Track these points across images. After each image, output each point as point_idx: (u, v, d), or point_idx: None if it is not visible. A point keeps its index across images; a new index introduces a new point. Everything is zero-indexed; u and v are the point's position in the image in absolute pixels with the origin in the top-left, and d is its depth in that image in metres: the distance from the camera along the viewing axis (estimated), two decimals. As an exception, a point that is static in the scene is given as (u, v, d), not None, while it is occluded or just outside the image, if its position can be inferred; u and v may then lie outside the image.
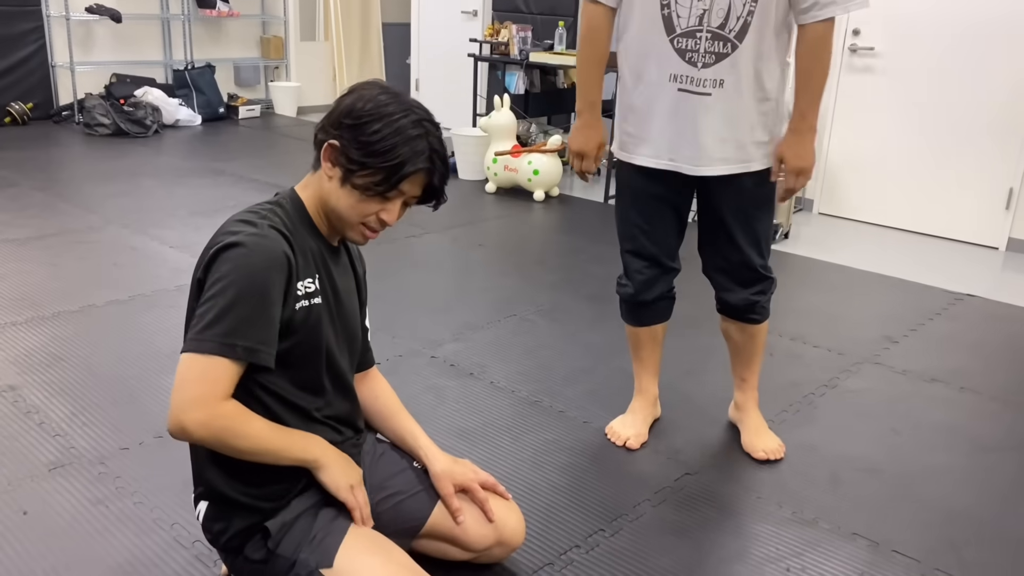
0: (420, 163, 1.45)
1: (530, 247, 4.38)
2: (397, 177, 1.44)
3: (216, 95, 7.44)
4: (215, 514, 1.53)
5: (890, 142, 4.97)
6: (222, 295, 1.39)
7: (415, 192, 1.50)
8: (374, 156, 1.43)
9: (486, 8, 7.16)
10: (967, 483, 2.33)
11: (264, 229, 1.44)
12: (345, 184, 1.47)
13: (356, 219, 1.49)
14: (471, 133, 5.70)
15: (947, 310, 3.65)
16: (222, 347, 1.37)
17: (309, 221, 1.55)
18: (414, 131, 1.44)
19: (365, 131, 1.42)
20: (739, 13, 2.00)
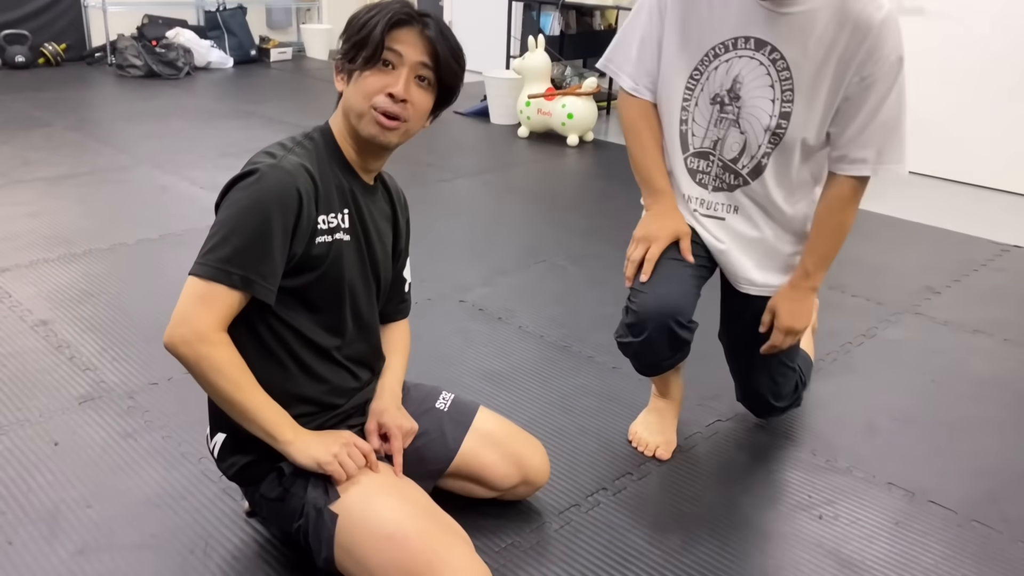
0: (400, 14, 1.42)
1: (562, 193, 4.31)
2: (379, 32, 1.40)
3: (248, 37, 7.37)
4: (232, 447, 1.52)
5: (935, 90, 4.78)
6: (226, 223, 1.38)
7: (416, 55, 1.43)
8: (356, 34, 1.43)
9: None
10: (1008, 435, 2.26)
11: (283, 161, 1.41)
12: (351, 79, 1.45)
13: (365, 104, 1.43)
14: (504, 75, 5.59)
15: (992, 261, 3.54)
16: (218, 272, 1.36)
17: (340, 155, 1.50)
18: (394, 4, 1.44)
19: (351, 25, 1.45)
20: (753, 152, 1.80)
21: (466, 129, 5.49)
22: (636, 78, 1.87)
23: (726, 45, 1.75)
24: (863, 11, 1.64)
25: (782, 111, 1.74)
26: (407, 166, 4.46)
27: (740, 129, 1.80)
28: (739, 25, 1.71)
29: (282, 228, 1.38)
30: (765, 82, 1.73)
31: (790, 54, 1.69)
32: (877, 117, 1.72)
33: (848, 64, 1.68)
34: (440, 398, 1.75)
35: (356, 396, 1.61)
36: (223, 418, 1.49)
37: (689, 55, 1.79)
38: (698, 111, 1.82)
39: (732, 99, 1.77)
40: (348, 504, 1.42)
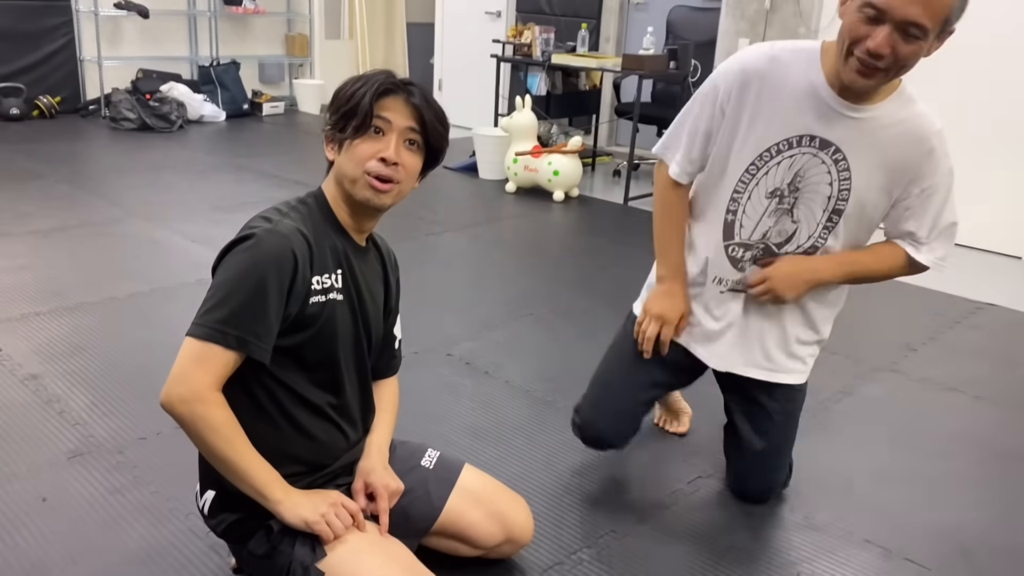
0: (387, 83, 1.50)
1: (549, 247, 4.39)
2: (367, 102, 1.47)
3: (241, 92, 7.50)
4: (221, 504, 1.55)
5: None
6: (223, 285, 1.44)
7: (403, 120, 1.51)
8: (344, 105, 1.49)
9: (510, 9, 7.17)
10: (981, 492, 2.31)
11: (279, 225, 1.47)
12: (342, 148, 1.52)
13: (359, 171, 1.50)
14: (492, 133, 5.71)
15: (968, 319, 3.62)
16: (214, 333, 1.41)
17: (333, 218, 1.57)
18: (378, 75, 1.52)
19: (339, 97, 1.52)
20: (801, 242, 1.88)
21: (455, 184, 5.59)
22: (683, 166, 1.93)
23: (790, 142, 1.78)
24: (923, 124, 1.75)
25: (835, 208, 1.83)
26: (397, 220, 4.53)
27: (793, 218, 1.86)
28: (806, 124, 1.76)
29: (278, 290, 1.43)
30: (825, 180, 1.79)
31: (851, 155, 1.76)
32: (941, 220, 1.84)
33: (904, 171, 1.77)
34: (426, 456, 1.78)
35: (345, 456, 1.64)
36: (213, 475, 1.52)
37: (750, 149, 1.82)
38: (751, 204, 1.86)
39: (791, 191, 1.83)
40: (335, 562, 1.44)
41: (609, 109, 6.62)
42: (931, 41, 1.59)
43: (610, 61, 5.62)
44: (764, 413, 2.07)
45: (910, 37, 1.56)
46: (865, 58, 1.59)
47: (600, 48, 6.66)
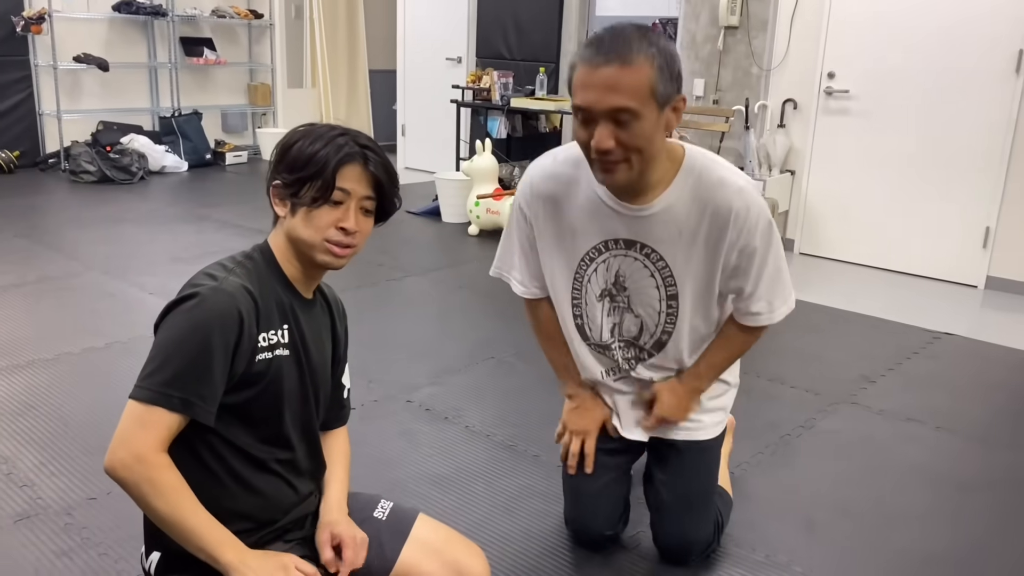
0: (346, 150, 1.47)
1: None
2: (330, 172, 1.45)
3: (203, 142, 7.49)
4: (166, 567, 1.51)
5: (867, 182, 5.02)
6: (166, 346, 1.40)
7: (362, 189, 1.49)
8: (303, 167, 1.46)
9: (470, 55, 7.26)
10: (941, 524, 2.32)
11: (224, 283, 1.45)
12: (296, 211, 1.49)
13: (318, 238, 1.48)
14: (454, 177, 5.74)
15: (925, 349, 3.66)
16: (158, 395, 1.38)
17: (279, 272, 1.55)
18: (333, 133, 1.49)
19: (291, 154, 1.48)
20: (652, 331, 1.89)
21: (418, 228, 5.59)
22: (524, 282, 1.99)
23: (598, 248, 1.81)
24: (719, 199, 1.69)
25: (668, 294, 1.82)
26: (358, 266, 4.52)
27: (634, 314, 1.87)
28: (604, 230, 1.78)
29: (223, 350, 1.41)
30: (645, 273, 1.80)
31: (660, 246, 1.76)
32: (763, 277, 1.79)
33: (719, 244, 1.74)
34: (379, 507, 1.75)
35: (295, 511, 1.61)
36: (158, 536, 1.48)
37: (565, 261, 1.87)
38: (589, 308, 1.90)
39: (619, 290, 1.85)
40: None
41: (571, 150, 6.68)
42: (657, 116, 1.56)
43: (568, 103, 5.69)
44: (675, 465, 2.01)
45: (624, 123, 1.53)
46: (599, 158, 1.58)
47: (559, 91, 6.76)
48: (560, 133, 6.53)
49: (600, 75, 1.51)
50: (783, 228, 5.37)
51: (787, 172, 5.30)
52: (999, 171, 4.54)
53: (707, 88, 5.60)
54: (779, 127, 5.30)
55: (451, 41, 7.36)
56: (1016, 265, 4.57)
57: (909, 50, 4.74)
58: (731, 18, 5.36)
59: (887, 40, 4.81)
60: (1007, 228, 4.57)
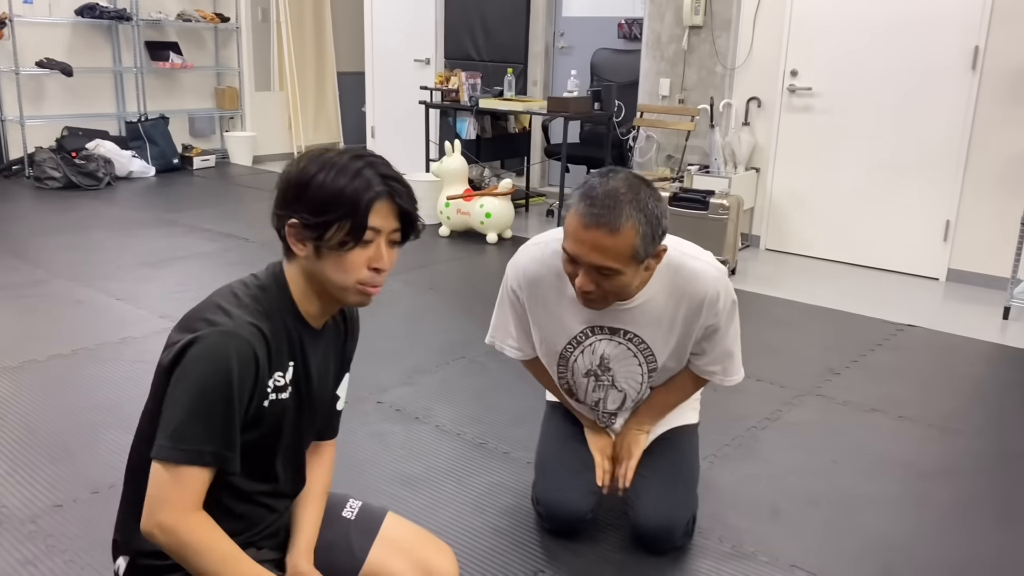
0: (375, 188, 1.37)
1: (482, 289, 4.41)
2: (361, 214, 1.35)
3: (170, 146, 7.43)
4: (134, 572, 1.51)
5: (831, 178, 5.10)
6: (187, 398, 1.33)
7: (390, 224, 1.40)
8: (330, 208, 1.35)
9: (438, 56, 7.27)
10: (904, 510, 2.36)
11: (239, 322, 1.37)
12: (321, 254, 1.38)
13: (350, 281, 1.39)
14: (424, 178, 5.75)
15: (888, 341, 3.73)
16: (190, 455, 1.32)
17: (292, 306, 1.46)
18: (355, 164, 1.38)
19: (310, 191, 1.36)
20: (634, 398, 2.10)
21: (388, 230, 5.58)
22: (521, 348, 2.14)
23: (585, 333, 1.97)
24: (693, 290, 1.89)
25: (650, 368, 2.02)
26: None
27: (618, 389, 2.07)
28: (589, 319, 1.94)
29: (239, 398, 1.36)
30: (629, 355, 1.99)
31: (642, 331, 1.93)
32: (722, 348, 2.01)
33: (693, 323, 1.93)
34: (347, 506, 1.76)
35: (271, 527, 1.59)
36: (125, 540, 1.48)
37: (552, 341, 2.02)
38: (575, 381, 2.08)
39: (604, 371, 2.02)
40: None
41: (539, 151, 6.72)
42: (636, 270, 1.74)
43: (536, 104, 5.72)
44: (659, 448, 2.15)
45: (606, 276, 1.72)
46: (580, 292, 1.77)
47: (528, 92, 6.78)
48: (529, 134, 6.56)
49: (589, 235, 1.68)
50: (749, 225, 5.44)
51: (752, 169, 5.36)
52: (957, 166, 4.63)
53: (672, 87, 5.65)
54: (744, 125, 5.36)
55: (419, 42, 7.36)
56: (975, 257, 4.66)
57: (869, 48, 4.82)
58: (695, 18, 5.42)
59: (848, 38, 4.89)
60: (966, 221, 4.66)
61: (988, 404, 3.12)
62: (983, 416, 3.00)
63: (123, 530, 1.50)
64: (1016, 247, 4.10)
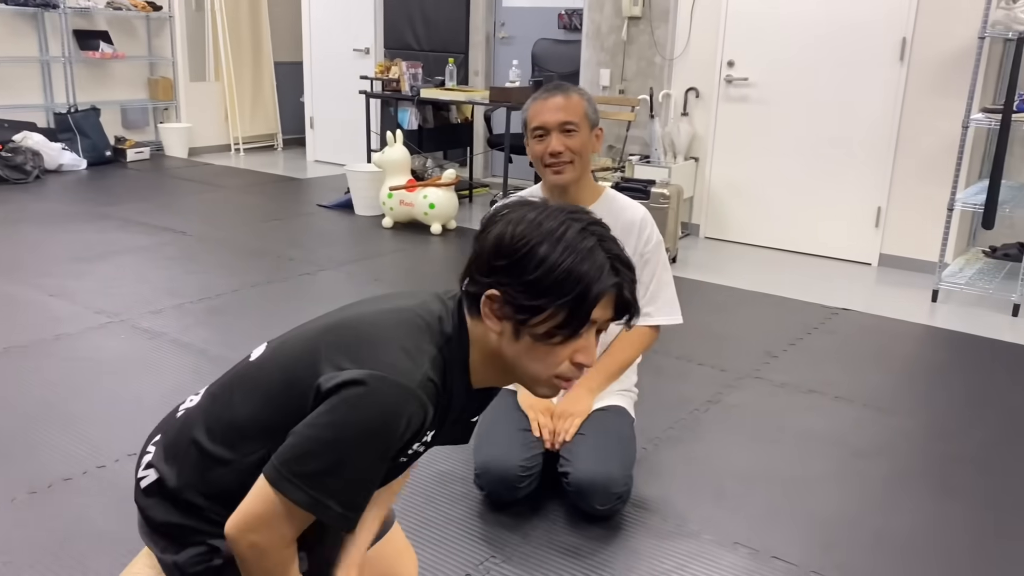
0: (608, 280, 1.19)
1: (427, 280, 4.40)
2: (585, 307, 1.18)
3: (102, 138, 7.23)
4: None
5: (767, 167, 5.22)
6: (337, 443, 1.16)
7: (607, 315, 1.23)
8: (548, 294, 1.17)
9: (378, 46, 7.21)
10: (841, 488, 2.45)
11: (420, 378, 1.19)
12: (521, 337, 1.21)
13: (547, 374, 1.23)
14: (366, 169, 5.71)
15: (824, 324, 3.84)
16: (315, 504, 1.18)
17: (466, 368, 1.29)
18: (585, 242, 1.19)
19: (527, 268, 1.17)
20: None
21: (330, 221, 5.54)
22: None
23: None
24: (626, 216, 2.25)
25: None
26: (267, 261, 4.46)
27: None
28: None
29: (390, 459, 1.22)
30: None
31: None
32: (654, 282, 2.28)
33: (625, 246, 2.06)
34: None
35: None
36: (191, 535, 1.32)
37: None
38: None
39: None
40: None
41: (482, 141, 6.73)
42: (589, 133, 2.19)
43: (478, 94, 5.72)
44: (594, 417, 2.27)
45: (570, 133, 2.15)
46: (552, 161, 2.16)
47: (470, 82, 6.78)
48: (471, 124, 6.55)
49: (551, 102, 2.16)
50: (688, 214, 5.53)
51: (691, 159, 5.45)
52: (888, 154, 4.78)
53: (613, 78, 5.71)
54: (683, 115, 5.45)
55: (358, 32, 7.29)
56: (905, 242, 4.82)
57: (802, 39, 4.94)
58: (634, 8, 5.48)
59: (782, 29, 5.00)
60: (896, 208, 4.82)
61: (919, 383, 3.24)
62: (914, 395, 3.12)
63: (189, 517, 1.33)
64: (943, 232, 4.26)
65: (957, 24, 4.46)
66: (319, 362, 1.22)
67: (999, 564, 2.11)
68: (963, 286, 4.27)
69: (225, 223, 5.28)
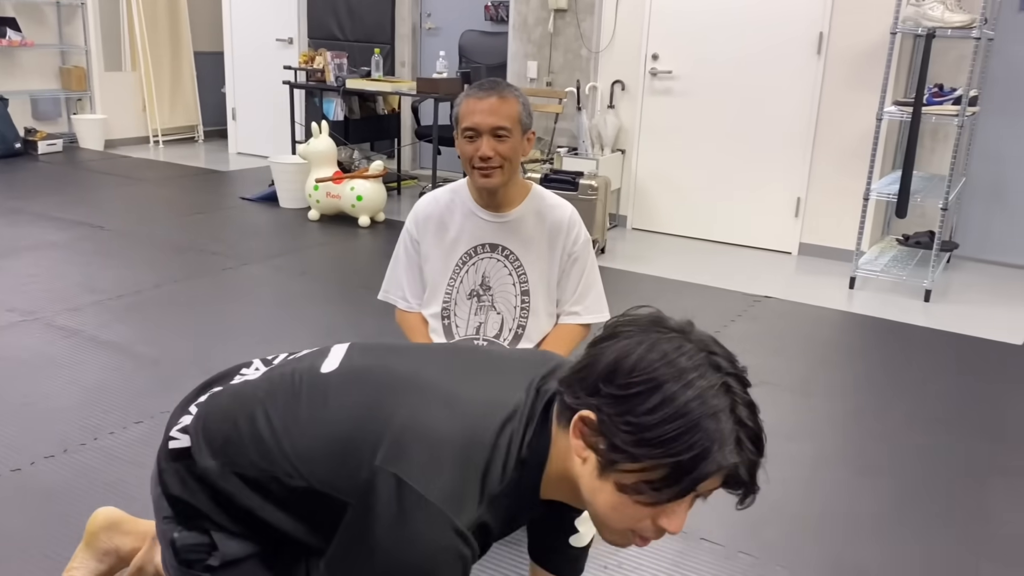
0: (727, 457, 1.00)
1: (355, 273, 4.36)
2: (690, 478, 1.00)
3: (10, 130, 6.93)
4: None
5: (692, 159, 5.31)
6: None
7: (712, 486, 1.05)
8: (652, 445, 0.99)
9: (301, 35, 7.09)
10: (771, 471, 2.50)
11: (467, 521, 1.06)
12: (606, 476, 1.04)
13: (623, 526, 1.07)
14: (290, 160, 5.61)
15: (747, 311, 3.94)
16: None
17: (536, 491, 1.15)
18: (716, 401, 1.00)
19: (636, 407, 0.99)
20: (511, 326, 2.26)
21: (254, 215, 5.43)
22: (408, 299, 2.31)
23: (470, 253, 2.23)
24: (554, 215, 2.23)
25: (523, 290, 2.25)
26: (188, 256, 4.35)
27: (496, 311, 2.26)
28: (475, 236, 2.22)
29: None
30: (505, 272, 2.24)
31: (515, 248, 2.22)
32: (583, 281, 2.27)
33: (555, 249, 2.23)
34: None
35: None
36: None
37: (445, 266, 2.25)
38: (458, 308, 2.26)
39: (485, 290, 2.25)
40: None
41: (410, 132, 6.68)
42: (520, 138, 2.12)
43: (405, 85, 5.68)
44: None
45: (501, 138, 2.08)
46: (481, 165, 2.09)
47: (396, 72, 6.72)
48: (399, 115, 6.50)
49: (484, 103, 2.07)
50: (616, 205, 5.60)
51: (618, 151, 5.52)
52: (806, 145, 4.92)
53: (540, 70, 5.73)
54: (609, 108, 5.51)
55: (280, 21, 7.15)
56: (823, 232, 4.97)
57: (724, 33, 5.04)
58: (560, 1, 5.51)
59: (704, 23, 5.09)
60: (815, 198, 4.97)
61: (838, 367, 3.35)
62: (835, 378, 3.22)
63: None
64: (859, 222, 4.41)
65: (871, 19, 4.61)
66: (380, 441, 1.10)
67: (908, 535, 2.21)
68: (878, 273, 4.43)
69: (144, 217, 5.12)
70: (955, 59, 4.70)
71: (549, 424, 1.12)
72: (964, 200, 5.01)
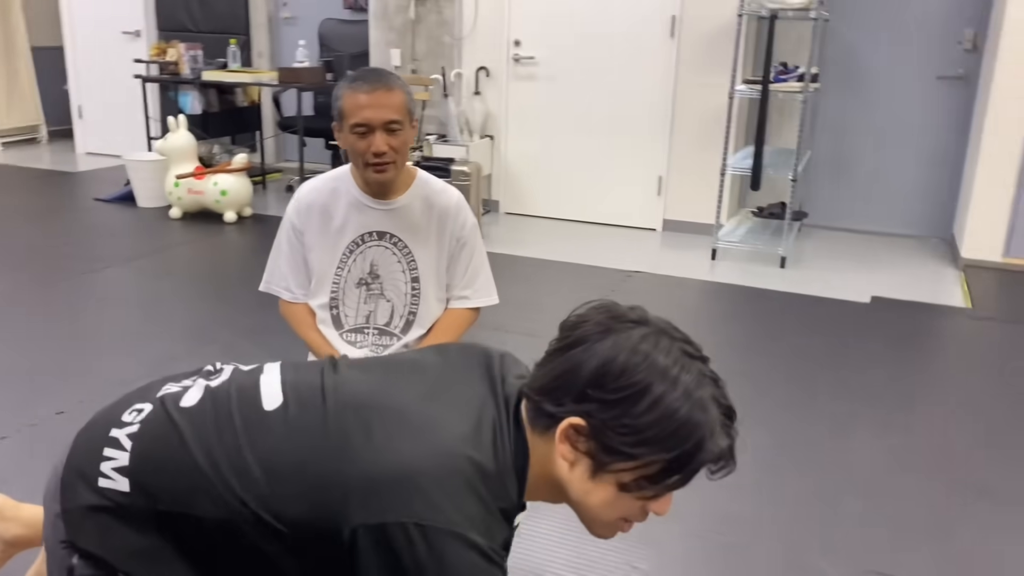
0: (720, 442, 1.06)
1: (225, 270, 4.23)
2: (691, 467, 1.04)
3: None
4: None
5: (557, 143, 5.44)
6: None
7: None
8: (652, 444, 1.02)
9: (149, 28, 6.77)
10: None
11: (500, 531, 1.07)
12: (600, 477, 1.06)
13: (613, 517, 1.10)
14: (147, 157, 5.37)
15: (620, 286, 4.08)
16: None
17: (519, 496, 1.14)
18: (701, 392, 1.06)
19: (630, 409, 1.03)
20: (402, 313, 2.24)
21: (110, 216, 5.16)
22: (292, 289, 2.24)
23: (356, 241, 2.18)
24: (442, 201, 2.20)
25: (412, 277, 2.22)
26: (40, 259, 4.10)
27: (386, 299, 2.24)
28: (362, 225, 2.17)
29: None
30: (394, 260, 2.21)
31: (403, 235, 2.19)
32: (471, 265, 2.26)
33: (443, 235, 2.21)
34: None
35: None
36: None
37: (331, 256, 2.20)
38: (347, 296, 2.22)
39: (373, 278, 2.22)
40: None
41: (272, 124, 6.51)
42: (409, 129, 2.09)
43: (266, 75, 5.54)
44: None
45: (393, 132, 2.04)
46: (375, 160, 2.04)
47: (254, 63, 6.53)
48: (259, 107, 6.32)
49: (373, 97, 2.00)
50: (488, 191, 5.66)
51: (487, 137, 5.57)
52: (665, 125, 5.13)
53: (404, 58, 5.71)
54: (475, 94, 5.55)
55: (125, 14, 6.80)
56: (683, 208, 5.20)
57: (582, 18, 5.18)
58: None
59: (562, 10, 5.21)
60: (675, 176, 5.19)
61: (706, 332, 3.53)
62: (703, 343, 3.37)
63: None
64: (717, 196, 4.64)
65: (720, 2, 4.85)
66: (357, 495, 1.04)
67: (777, 480, 2.37)
68: (737, 244, 4.68)
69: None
70: (796, 39, 5.02)
71: (523, 431, 1.13)
72: (811, 172, 5.36)
